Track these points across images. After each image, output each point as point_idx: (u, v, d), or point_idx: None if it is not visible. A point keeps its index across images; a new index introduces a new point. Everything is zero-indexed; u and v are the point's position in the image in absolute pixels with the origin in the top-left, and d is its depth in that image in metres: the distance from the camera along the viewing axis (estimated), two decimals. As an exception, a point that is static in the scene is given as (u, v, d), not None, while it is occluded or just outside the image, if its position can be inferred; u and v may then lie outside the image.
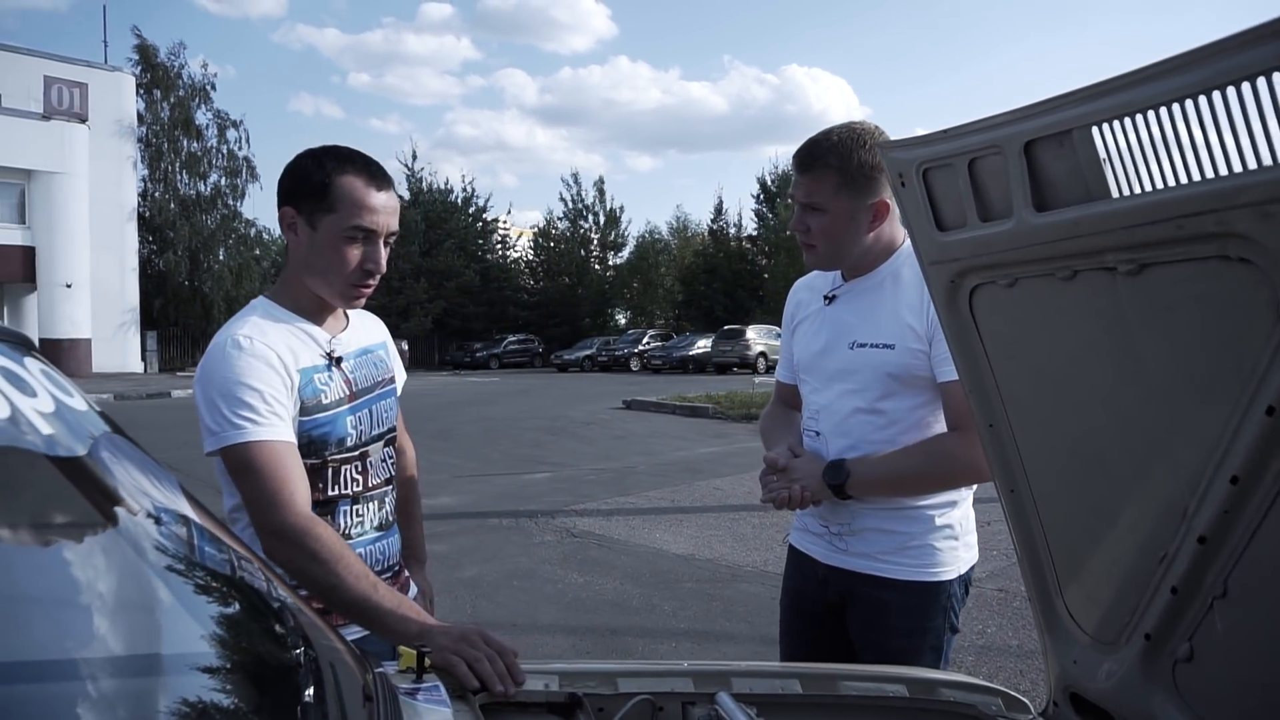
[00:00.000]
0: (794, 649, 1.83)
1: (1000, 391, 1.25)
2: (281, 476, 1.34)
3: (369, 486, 1.55)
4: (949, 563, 1.67)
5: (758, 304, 34.43)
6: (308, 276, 1.49)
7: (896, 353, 1.63)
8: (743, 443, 10.84)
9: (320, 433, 1.47)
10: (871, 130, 1.61)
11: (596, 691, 1.19)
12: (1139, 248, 0.92)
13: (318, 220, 1.44)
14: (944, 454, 1.61)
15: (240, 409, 1.35)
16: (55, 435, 0.82)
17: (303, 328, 1.50)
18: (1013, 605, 4.41)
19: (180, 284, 30.89)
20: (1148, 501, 1.09)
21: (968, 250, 1.17)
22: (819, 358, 1.75)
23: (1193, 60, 0.80)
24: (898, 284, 1.66)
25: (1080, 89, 0.93)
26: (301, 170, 1.46)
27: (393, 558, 1.62)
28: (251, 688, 0.86)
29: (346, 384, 1.52)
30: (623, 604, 4.55)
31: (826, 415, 1.72)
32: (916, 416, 1.65)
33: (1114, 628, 1.20)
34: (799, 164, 1.64)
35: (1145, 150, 0.87)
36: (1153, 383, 1.00)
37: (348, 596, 1.27)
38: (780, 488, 1.69)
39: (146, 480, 0.93)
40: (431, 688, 1.07)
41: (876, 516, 1.66)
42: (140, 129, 29.94)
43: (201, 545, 0.97)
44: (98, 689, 0.72)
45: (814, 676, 1.30)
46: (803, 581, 1.80)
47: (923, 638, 1.65)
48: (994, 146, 1.06)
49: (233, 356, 1.39)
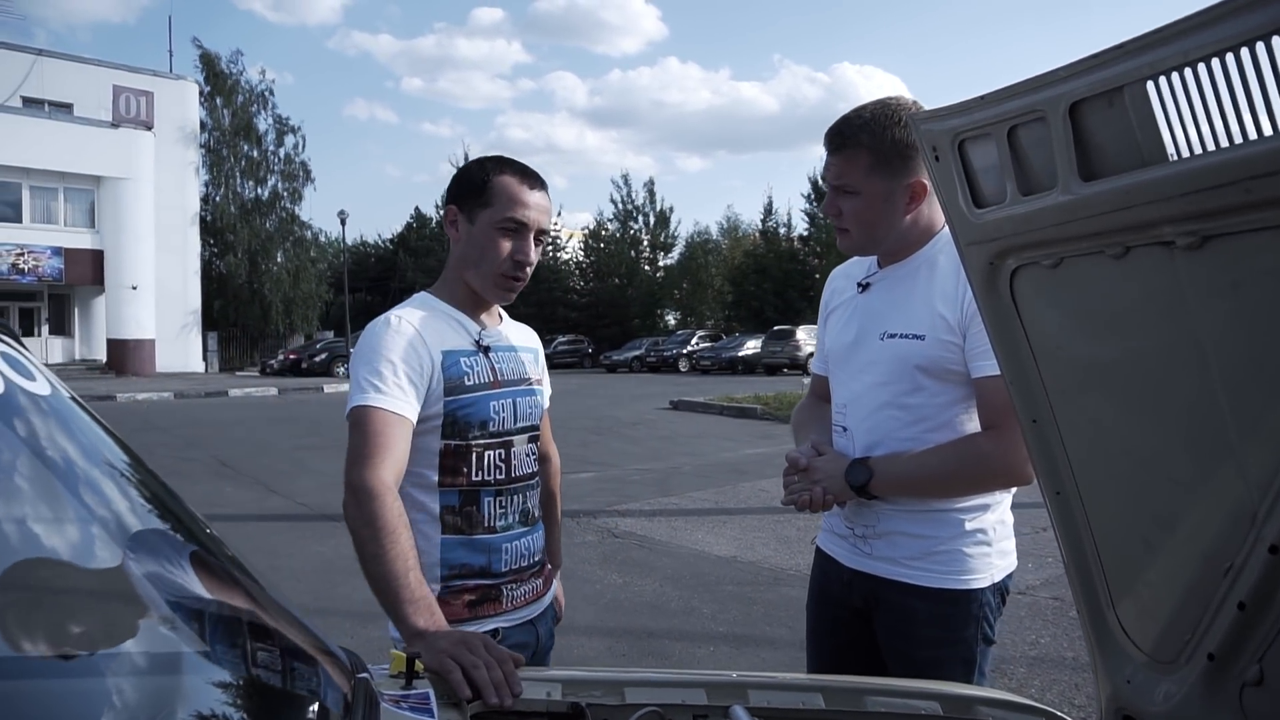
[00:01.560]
0: (820, 655, 1.74)
1: (1045, 384, 1.14)
2: (377, 440, 1.39)
3: (512, 477, 1.58)
4: (981, 570, 1.55)
5: (808, 304, 33.99)
6: (464, 269, 1.59)
7: (926, 344, 1.52)
8: (790, 444, 10.66)
9: (464, 413, 1.52)
10: (907, 105, 1.50)
11: (601, 701, 1.12)
12: (1201, 217, 0.81)
13: (476, 215, 1.55)
14: (975, 454, 1.50)
15: (371, 377, 1.44)
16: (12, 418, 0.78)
17: (456, 316, 1.60)
18: (1069, 615, 4.22)
19: (240, 286, 31.73)
20: (1211, 506, 0.97)
21: (1008, 228, 1.07)
22: (850, 349, 1.65)
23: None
24: (933, 270, 1.56)
25: (1132, 39, 0.83)
26: (465, 172, 1.61)
27: (537, 554, 1.64)
28: (226, 692, 0.81)
29: (492, 371, 1.58)
30: (661, 606, 4.47)
31: (854, 409, 1.63)
32: (948, 414, 1.54)
33: (1173, 646, 1.08)
34: (830, 143, 1.55)
35: (1209, 105, 0.76)
36: (1217, 371, 0.88)
37: (381, 569, 1.29)
38: (801, 489, 1.60)
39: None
40: (420, 695, 1.01)
41: (902, 519, 1.56)
42: (202, 135, 30.83)
43: (168, 537, 0.92)
44: (65, 685, 0.68)
45: (838, 691, 1.21)
46: (828, 585, 1.71)
47: (953, 649, 1.54)
48: (1035, 111, 0.96)
49: (380, 333, 1.50)
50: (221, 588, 0.93)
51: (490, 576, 1.53)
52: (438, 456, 1.50)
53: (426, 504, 1.50)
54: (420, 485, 1.50)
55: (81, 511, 0.82)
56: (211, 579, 0.92)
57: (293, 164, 33.18)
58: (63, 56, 27.13)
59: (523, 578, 1.58)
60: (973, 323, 1.49)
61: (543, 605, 1.64)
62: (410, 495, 1.47)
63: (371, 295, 40.04)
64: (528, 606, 1.59)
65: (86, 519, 0.82)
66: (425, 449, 1.49)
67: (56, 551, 0.80)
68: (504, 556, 1.54)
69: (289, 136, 33.09)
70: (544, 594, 1.65)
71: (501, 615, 1.53)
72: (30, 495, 0.77)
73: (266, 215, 32.79)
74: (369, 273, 40.94)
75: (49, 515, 0.78)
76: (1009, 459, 1.46)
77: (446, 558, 1.50)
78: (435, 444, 1.50)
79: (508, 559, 1.55)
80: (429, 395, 1.48)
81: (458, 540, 1.51)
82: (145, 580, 0.82)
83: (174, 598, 0.85)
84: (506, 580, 1.55)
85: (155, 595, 0.83)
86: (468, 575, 1.51)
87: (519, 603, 1.57)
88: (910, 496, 1.56)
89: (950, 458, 1.52)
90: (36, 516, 0.77)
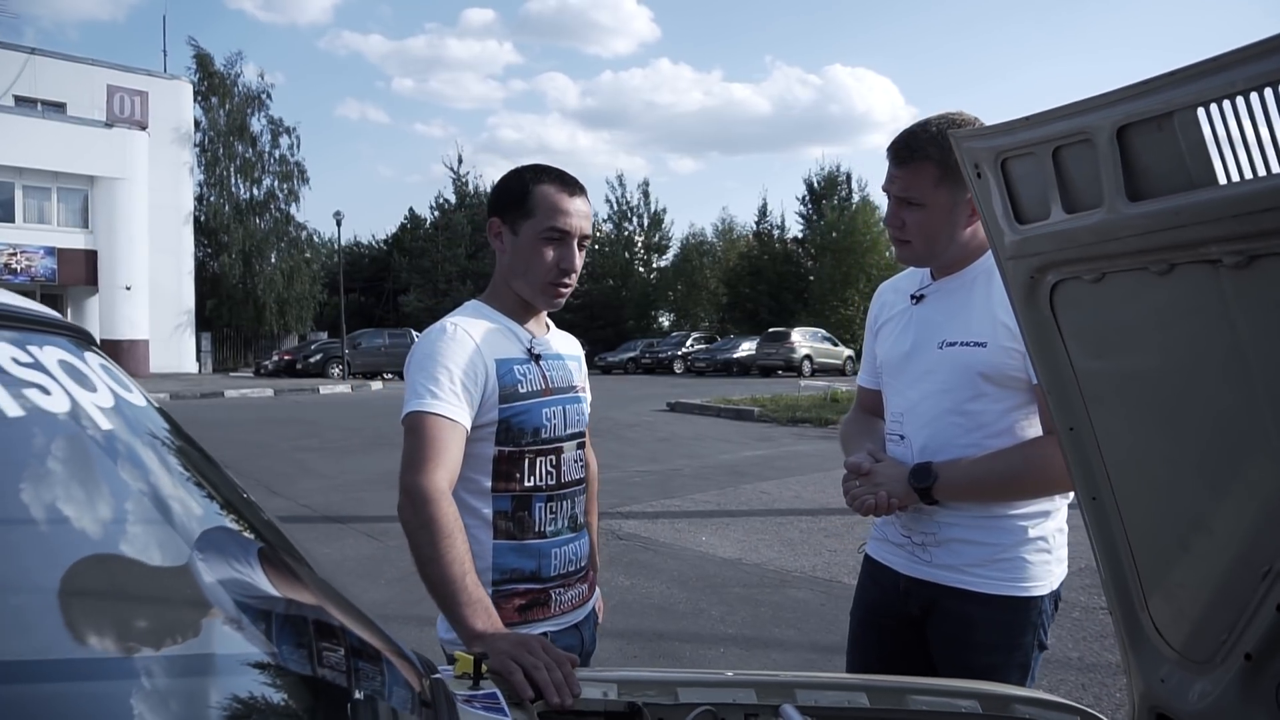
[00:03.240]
0: (865, 664, 1.75)
1: (1083, 393, 1.18)
2: (432, 446, 1.43)
3: (562, 483, 1.61)
4: (1041, 577, 1.58)
5: (803, 306, 34.10)
6: (512, 279, 1.62)
7: (989, 351, 1.55)
8: (788, 446, 10.73)
9: (518, 420, 1.56)
10: (970, 121, 1.54)
11: (656, 701, 1.15)
12: (1249, 238, 0.86)
13: (519, 226, 1.58)
14: (1042, 458, 1.50)
15: (428, 383, 1.48)
16: (114, 429, 0.81)
17: (508, 325, 1.63)
18: (1072, 616, 4.27)
19: (234, 286, 31.63)
20: (1250, 512, 1.01)
21: (1051, 244, 1.11)
22: (906, 359, 1.68)
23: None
24: (991, 281, 1.58)
25: (1182, 69, 0.87)
26: (505, 184, 1.63)
27: (583, 559, 1.67)
28: (302, 689, 0.84)
29: (543, 379, 1.61)
30: (669, 608, 4.51)
31: (912, 417, 1.64)
32: (1008, 421, 1.57)
33: (1208, 646, 1.12)
34: (896, 156, 1.58)
35: (1260, 131, 0.80)
36: (1260, 381, 0.93)
37: (438, 573, 1.33)
38: (866, 493, 1.60)
39: (198, 476, 0.92)
40: (489, 695, 1.04)
41: (964, 526, 1.58)
42: (197, 135, 30.73)
43: (249, 549, 0.95)
44: (151, 684, 0.70)
45: (882, 690, 1.25)
46: (880, 594, 1.71)
47: (1010, 655, 1.56)
48: (1082, 133, 1.00)
49: (436, 340, 1.53)
50: (292, 587, 0.96)
51: (540, 581, 1.56)
52: (491, 463, 1.53)
53: (479, 509, 1.53)
54: (474, 491, 1.53)
55: (177, 513, 0.84)
56: (281, 578, 0.95)
57: (288, 164, 33.13)
58: (56, 55, 26.99)
59: (570, 582, 1.61)
60: None
61: (587, 610, 1.67)
62: (463, 500, 1.50)
63: (365, 296, 39.97)
64: (574, 611, 1.62)
65: (181, 521, 0.84)
66: (479, 455, 1.52)
67: (145, 554, 0.82)
68: (553, 561, 1.57)
69: (284, 137, 33.05)
70: (589, 599, 1.68)
71: (550, 620, 1.56)
72: (137, 500, 0.80)
73: (261, 216, 32.71)
74: (363, 273, 40.86)
75: (155, 518, 0.81)
76: None
77: (498, 562, 1.53)
78: (489, 450, 1.53)
79: (557, 564, 1.58)
80: (483, 402, 1.51)
81: (509, 545, 1.54)
82: (214, 582, 0.85)
83: (244, 597, 0.87)
84: (555, 585, 1.58)
85: (223, 595, 0.86)
86: (518, 580, 1.54)
87: (566, 607, 1.60)
88: (974, 500, 1.58)
89: (1016, 461, 1.54)
90: (143, 519, 0.80)
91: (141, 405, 0.88)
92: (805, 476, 8.33)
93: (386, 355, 26.87)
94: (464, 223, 35.61)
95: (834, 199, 35.54)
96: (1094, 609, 4.37)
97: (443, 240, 36.05)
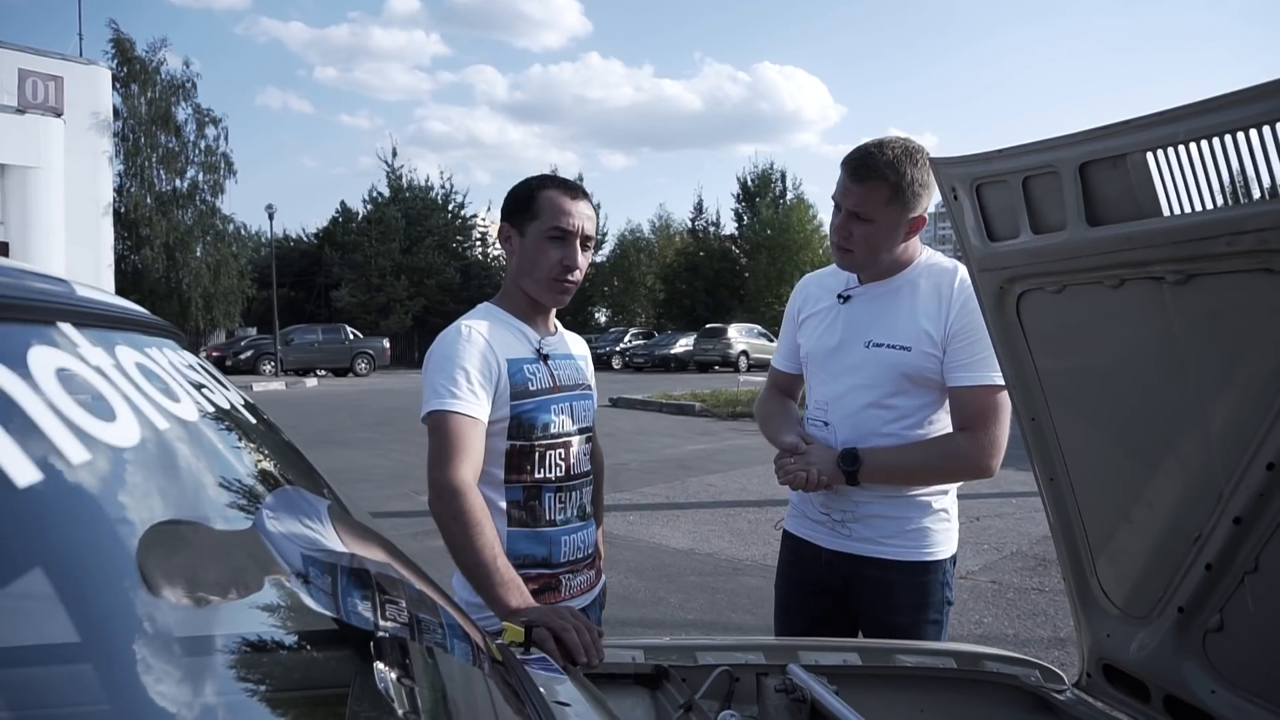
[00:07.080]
0: (797, 630, 1.94)
1: (1043, 388, 1.36)
2: (456, 443, 1.53)
3: (570, 475, 1.72)
4: (944, 543, 1.81)
5: (739, 303, 34.63)
6: (521, 279, 1.73)
7: (913, 355, 1.76)
8: (730, 440, 10.98)
9: (529, 417, 1.66)
10: (920, 149, 1.72)
11: (679, 664, 1.30)
12: (1188, 260, 1.04)
13: (526, 228, 1.70)
14: (955, 452, 1.74)
15: (447, 383, 1.59)
16: (230, 430, 0.90)
17: (519, 326, 1.74)
18: (1006, 596, 4.57)
19: (157, 280, 30.53)
20: (1185, 488, 1.21)
21: (1019, 259, 1.28)
22: (832, 353, 1.86)
23: (1242, 98, 0.91)
24: (915, 292, 1.79)
25: (1136, 119, 1.05)
26: (514, 192, 1.75)
27: (590, 547, 1.79)
28: (395, 648, 0.95)
29: (551, 377, 1.72)
30: (629, 597, 4.65)
31: (837, 406, 1.84)
32: (924, 414, 1.78)
33: (1147, 602, 1.32)
34: (853, 173, 1.73)
35: (1199, 174, 0.98)
36: (1195, 380, 1.12)
37: (471, 558, 1.44)
38: (799, 469, 1.79)
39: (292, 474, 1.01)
40: (540, 658, 1.17)
41: (879, 503, 1.79)
42: (116, 124, 29.55)
43: (326, 522, 1.05)
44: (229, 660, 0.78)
45: (871, 650, 1.41)
46: (804, 567, 1.91)
47: (924, 612, 1.78)
48: (1049, 167, 1.18)
49: (453, 342, 1.64)
50: (365, 546, 1.06)
51: (550, 567, 1.68)
52: (504, 456, 1.64)
53: (494, 499, 1.64)
54: (489, 482, 1.63)
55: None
56: (354, 538, 1.04)
57: (214, 156, 32.10)
58: (-38, 37, 25.65)
59: (578, 569, 1.73)
60: (953, 340, 1.74)
61: (594, 594, 1.80)
62: (480, 491, 1.60)
63: (296, 291, 38.99)
64: (582, 595, 1.75)
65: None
66: (493, 449, 1.63)
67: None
68: (563, 549, 1.69)
69: (210, 128, 32.01)
70: (596, 584, 1.81)
71: (560, 604, 1.66)
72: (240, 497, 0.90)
73: (185, 208, 31.63)
74: (293, 268, 39.85)
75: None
76: (980, 456, 1.73)
77: (512, 548, 1.63)
78: (502, 444, 1.64)
79: (566, 551, 1.70)
80: (496, 399, 1.62)
81: (522, 533, 1.65)
82: (282, 538, 0.93)
83: (316, 552, 0.95)
84: (564, 570, 1.70)
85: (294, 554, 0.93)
86: (530, 565, 1.65)
87: (575, 592, 1.72)
88: (892, 484, 1.79)
89: (932, 452, 1.77)
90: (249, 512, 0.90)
91: (241, 403, 0.98)
92: (749, 469, 8.57)
93: (320, 351, 26.35)
94: (398, 217, 35.05)
95: (768, 196, 36.15)
96: (1026, 590, 4.67)
97: (376, 234, 35.43)
